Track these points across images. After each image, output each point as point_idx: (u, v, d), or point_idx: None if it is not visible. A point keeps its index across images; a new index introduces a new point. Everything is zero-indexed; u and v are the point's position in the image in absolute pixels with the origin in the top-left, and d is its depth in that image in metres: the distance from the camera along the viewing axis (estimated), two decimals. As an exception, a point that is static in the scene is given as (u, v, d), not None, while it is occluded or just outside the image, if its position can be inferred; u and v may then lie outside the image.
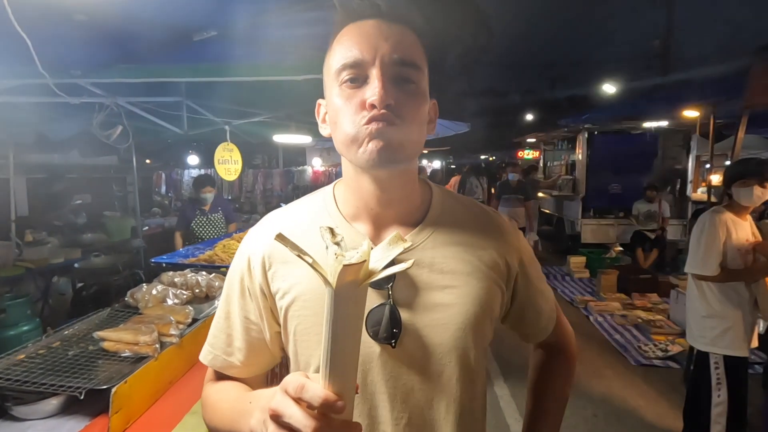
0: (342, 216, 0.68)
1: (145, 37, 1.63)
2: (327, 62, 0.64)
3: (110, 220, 5.61)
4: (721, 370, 2.14)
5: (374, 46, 0.58)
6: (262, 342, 0.70)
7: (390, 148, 0.58)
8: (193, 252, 2.96)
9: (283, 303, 0.65)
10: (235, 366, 0.70)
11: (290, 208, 0.74)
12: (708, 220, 2.17)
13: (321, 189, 0.75)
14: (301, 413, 0.44)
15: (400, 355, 0.63)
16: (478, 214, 0.73)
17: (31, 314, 2.93)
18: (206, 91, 3.01)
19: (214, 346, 0.72)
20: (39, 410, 1.31)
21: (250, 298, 0.69)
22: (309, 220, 0.69)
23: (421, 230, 0.67)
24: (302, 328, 0.64)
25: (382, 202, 0.66)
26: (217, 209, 3.90)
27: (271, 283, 0.67)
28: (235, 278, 0.70)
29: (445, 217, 0.69)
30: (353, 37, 0.60)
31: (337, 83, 0.61)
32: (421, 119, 0.62)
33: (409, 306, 0.63)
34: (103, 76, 1.98)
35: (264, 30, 1.57)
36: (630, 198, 6.65)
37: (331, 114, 0.64)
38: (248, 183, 9.40)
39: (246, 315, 0.69)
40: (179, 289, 1.97)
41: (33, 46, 1.22)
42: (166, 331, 1.54)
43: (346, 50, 0.60)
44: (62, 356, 1.43)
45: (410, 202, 0.69)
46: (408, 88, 0.60)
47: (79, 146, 5.22)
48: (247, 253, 0.69)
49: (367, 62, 0.58)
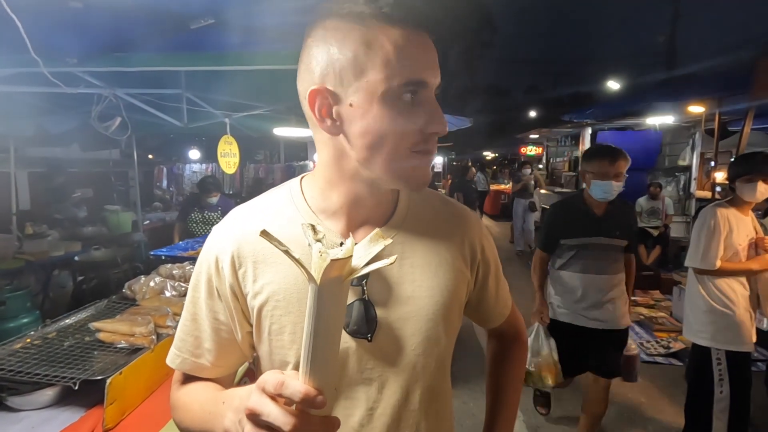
0: (311, 211, 0.67)
1: (140, 24, 1.60)
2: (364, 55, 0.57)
3: (111, 214, 5.61)
4: (723, 366, 2.12)
5: (433, 67, 0.59)
6: (233, 342, 0.68)
7: (430, 178, 0.64)
8: (192, 245, 2.95)
9: (256, 303, 0.64)
10: (205, 367, 0.68)
11: (255, 203, 0.72)
12: (709, 215, 2.15)
13: (285, 183, 0.73)
14: (280, 410, 0.44)
15: (375, 348, 0.64)
16: (442, 206, 0.76)
17: (31, 307, 2.94)
18: (206, 82, 2.98)
19: (181, 349, 0.69)
20: (34, 401, 1.30)
21: (219, 298, 0.67)
22: (275, 216, 0.67)
23: (391, 226, 0.69)
24: (276, 328, 0.63)
25: (362, 202, 0.66)
26: (217, 208, 3.88)
27: (242, 283, 0.65)
28: (202, 278, 0.68)
29: (411, 213, 0.71)
30: (412, 49, 0.57)
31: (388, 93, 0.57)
32: None
33: (383, 301, 0.65)
34: (100, 64, 1.95)
35: (262, 17, 1.54)
36: (633, 194, 6.61)
37: (374, 122, 0.58)
38: (249, 177, 9.39)
39: (215, 316, 0.67)
40: (177, 282, 1.96)
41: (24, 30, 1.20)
42: (163, 323, 1.53)
43: (405, 62, 0.56)
44: (58, 347, 1.42)
45: (385, 200, 0.70)
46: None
47: (79, 140, 5.22)
48: (215, 253, 0.66)
49: (427, 84, 0.59)
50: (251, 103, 3.63)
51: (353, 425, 0.64)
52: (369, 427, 0.64)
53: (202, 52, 1.94)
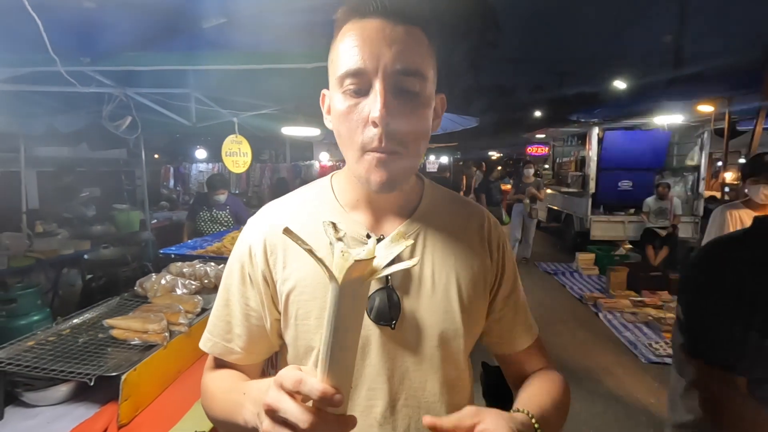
0: (340, 205, 0.70)
1: (153, 24, 1.61)
2: (330, 58, 0.63)
3: (119, 213, 5.66)
4: None
5: (377, 54, 0.56)
6: (262, 329, 0.70)
7: (392, 178, 0.60)
8: (201, 244, 2.96)
9: (284, 289, 0.66)
10: (235, 352, 0.70)
11: (287, 198, 0.75)
12: (720, 215, 2.14)
13: (318, 180, 0.77)
14: (297, 407, 0.44)
15: (397, 337, 0.65)
16: (464, 204, 0.77)
17: (42, 304, 2.96)
18: (215, 82, 2.99)
19: (213, 333, 0.72)
20: (49, 396, 1.31)
21: (251, 285, 0.69)
22: (307, 210, 0.71)
23: (416, 219, 0.70)
24: (303, 313, 0.65)
25: (381, 195, 0.67)
26: (225, 207, 3.90)
27: (273, 270, 0.68)
28: (236, 266, 0.71)
29: (436, 207, 0.73)
30: (356, 41, 0.57)
31: (339, 88, 0.60)
32: (425, 129, 0.62)
33: (406, 290, 0.66)
34: (112, 63, 1.97)
35: (273, 16, 1.54)
36: (641, 195, 6.56)
37: (334, 117, 0.63)
38: (256, 177, 9.43)
39: (246, 302, 0.70)
40: (188, 279, 1.97)
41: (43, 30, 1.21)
42: (175, 320, 1.54)
43: (348, 55, 0.58)
44: (72, 343, 1.43)
45: (407, 194, 0.71)
46: (411, 99, 0.59)
47: (88, 139, 5.26)
48: (248, 241, 0.70)
49: (370, 72, 0.57)
50: (259, 103, 3.65)
51: (376, 417, 0.63)
52: (392, 419, 0.64)
53: (212, 52, 1.95)
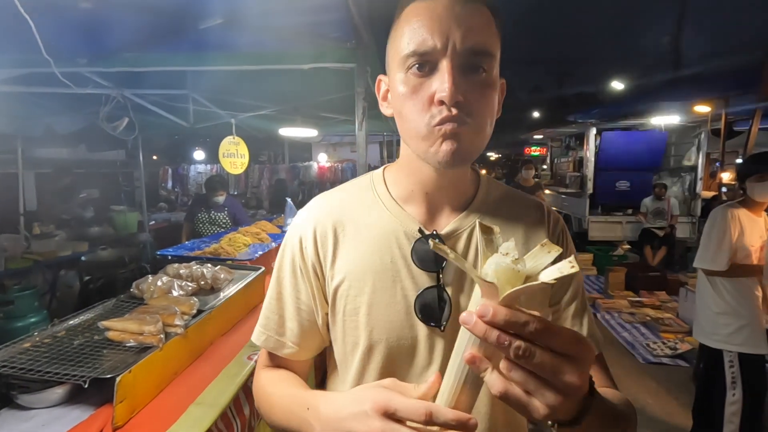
0: (392, 198, 0.68)
1: (150, 25, 1.61)
2: (392, 40, 0.61)
3: (117, 215, 5.65)
4: (736, 369, 2.09)
5: (445, 31, 0.54)
6: (313, 323, 0.69)
7: (463, 150, 0.56)
8: (198, 245, 2.96)
9: (333, 283, 0.65)
10: (287, 346, 0.70)
11: (338, 190, 0.74)
12: (720, 215, 2.13)
13: (369, 172, 0.75)
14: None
15: (447, 339, 0.62)
16: (521, 198, 0.73)
17: (39, 306, 2.95)
18: (212, 83, 3.00)
19: (266, 327, 0.71)
20: (44, 399, 1.30)
21: (302, 278, 0.69)
22: (357, 202, 0.69)
23: (469, 214, 0.67)
24: (351, 308, 0.64)
25: (438, 186, 0.66)
26: (223, 209, 3.90)
27: (323, 263, 0.67)
28: (287, 258, 0.70)
29: (492, 201, 0.70)
30: (423, 20, 0.55)
31: (403, 69, 0.57)
32: (492, 109, 0.59)
33: (459, 288, 0.63)
34: (109, 64, 1.97)
35: (270, 17, 1.55)
36: (638, 195, 6.58)
37: (394, 99, 0.61)
38: (254, 178, 9.41)
39: (297, 295, 0.69)
40: (185, 281, 1.96)
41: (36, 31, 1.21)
42: (171, 322, 1.53)
43: (414, 34, 0.55)
44: (67, 345, 1.42)
45: (463, 186, 0.69)
46: (479, 78, 0.56)
47: (86, 140, 5.26)
48: (299, 234, 0.69)
49: (438, 51, 0.54)
50: (257, 104, 3.65)
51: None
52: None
53: (209, 52, 1.95)
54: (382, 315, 0.63)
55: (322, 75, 2.10)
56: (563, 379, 0.39)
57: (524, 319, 0.39)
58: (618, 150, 7.01)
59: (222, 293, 1.95)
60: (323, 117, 4.31)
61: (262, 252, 2.81)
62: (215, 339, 1.78)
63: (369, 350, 0.63)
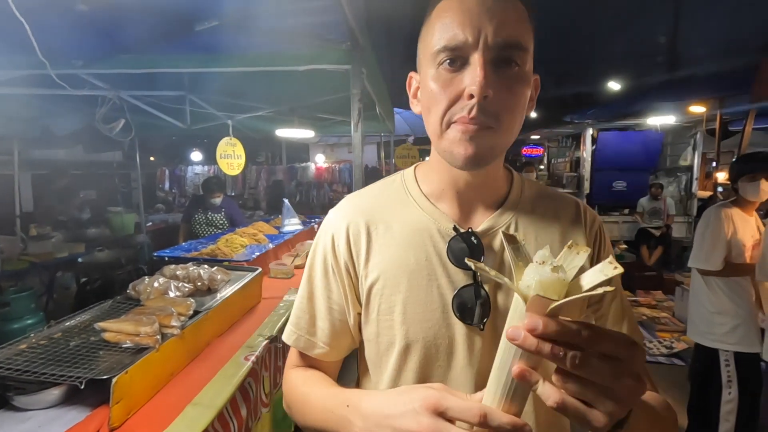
0: (424, 196, 0.68)
1: (146, 27, 1.62)
2: (424, 36, 0.60)
3: (114, 216, 5.63)
4: (731, 367, 2.10)
5: (477, 25, 0.53)
6: (345, 324, 0.69)
7: (481, 153, 0.55)
8: (195, 246, 2.96)
9: (367, 282, 0.65)
10: (318, 346, 0.69)
11: (370, 188, 0.74)
12: (713, 215, 2.15)
13: (401, 170, 0.74)
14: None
15: (486, 338, 0.61)
16: (557, 195, 0.72)
17: (36, 308, 2.94)
18: (209, 84, 3.00)
19: (297, 326, 0.71)
20: (40, 400, 1.30)
21: (334, 277, 0.68)
22: (389, 200, 0.69)
23: (504, 211, 0.66)
24: (385, 307, 0.63)
25: (469, 183, 0.65)
26: (220, 210, 3.90)
27: (356, 261, 0.66)
28: (318, 258, 0.70)
29: (525, 199, 0.68)
30: (455, 15, 0.54)
31: (434, 64, 0.56)
32: (522, 105, 0.58)
33: (496, 286, 0.62)
34: (105, 66, 1.97)
35: (266, 19, 1.55)
36: (635, 195, 6.61)
37: (424, 95, 0.60)
38: (252, 179, 9.41)
39: (329, 295, 0.69)
40: (181, 282, 1.97)
41: (32, 34, 1.21)
42: (168, 323, 1.54)
43: (445, 29, 0.55)
44: (64, 347, 1.43)
45: (495, 184, 0.68)
46: (512, 72, 0.55)
47: (83, 142, 5.25)
48: (331, 233, 0.69)
49: (469, 45, 0.53)
50: (254, 105, 3.65)
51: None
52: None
53: (205, 54, 1.95)
54: (418, 314, 0.62)
55: (319, 76, 2.11)
56: (622, 384, 0.38)
57: (575, 328, 0.38)
58: (614, 150, 7.04)
59: (219, 294, 1.96)
60: (320, 118, 4.32)
61: (259, 253, 2.81)
62: (212, 340, 1.78)
63: (405, 350, 0.63)
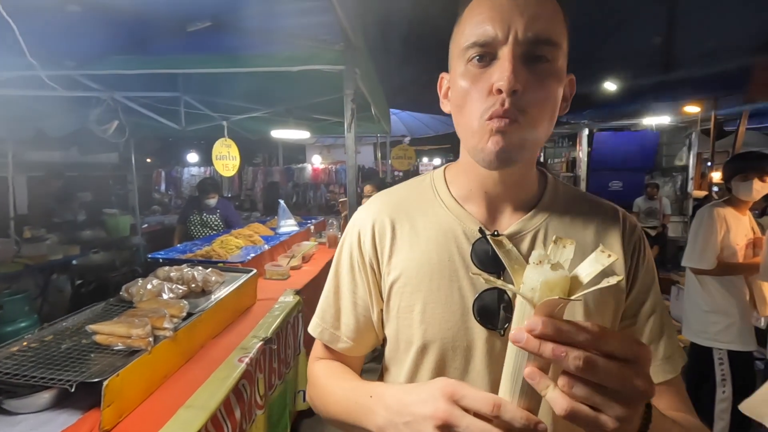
0: (452, 197, 0.67)
1: (138, 27, 1.61)
2: (455, 36, 0.59)
3: (109, 218, 5.61)
4: (725, 366, 2.11)
5: (507, 20, 0.52)
6: (368, 319, 0.70)
7: (509, 149, 0.53)
8: (191, 248, 2.95)
9: (390, 278, 0.65)
10: (342, 341, 0.70)
11: (398, 188, 0.74)
12: (706, 214, 2.16)
13: (430, 171, 0.74)
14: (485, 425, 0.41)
15: (506, 342, 0.60)
16: (594, 202, 0.69)
17: (30, 310, 2.92)
18: (203, 85, 2.99)
19: (323, 319, 0.72)
20: (31, 404, 1.29)
21: (359, 272, 0.69)
22: (417, 200, 0.69)
23: (535, 215, 0.64)
24: (405, 306, 0.63)
25: (499, 185, 0.63)
26: (215, 211, 3.89)
27: (380, 258, 0.67)
28: (345, 253, 0.71)
29: (558, 203, 0.66)
30: (485, 11, 0.54)
31: (463, 61, 0.56)
32: (554, 103, 0.56)
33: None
34: (97, 67, 1.96)
35: (258, 20, 1.55)
36: (631, 195, 6.63)
37: (454, 93, 0.59)
38: (248, 180, 9.39)
39: (354, 290, 0.70)
40: (175, 284, 1.96)
41: (22, 35, 1.20)
42: (160, 325, 1.53)
43: (475, 26, 0.54)
44: (55, 350, 1.42)
45: (526, 186, 0.66)
46: (542, 68, 0.53)
47: (78, 143, 5.23)
48: (358, 229, 0.70)
49: (498, 40, 0.52)
50: (249, 106, 3.64)
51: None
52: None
53: (199, 55, 1.95)
54: (438, 314, 0.61)
55: (314, 77, 2.11)
56: (631, 386, 0.37)
57: (576, 326, 0.37)
58: (610, 150, 7.07)
59: (213, 296, 1.95)
60: (316, 119, 4.31)
61: (254, 254, 2.80)
62: (206, 342, 1.77)
63: (423, 349, 0.62)
